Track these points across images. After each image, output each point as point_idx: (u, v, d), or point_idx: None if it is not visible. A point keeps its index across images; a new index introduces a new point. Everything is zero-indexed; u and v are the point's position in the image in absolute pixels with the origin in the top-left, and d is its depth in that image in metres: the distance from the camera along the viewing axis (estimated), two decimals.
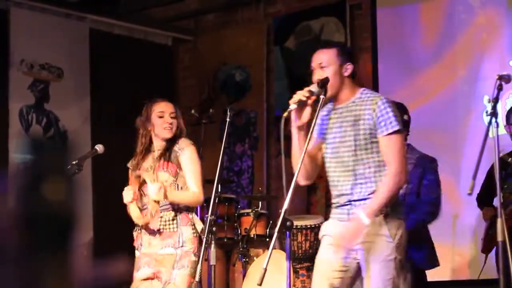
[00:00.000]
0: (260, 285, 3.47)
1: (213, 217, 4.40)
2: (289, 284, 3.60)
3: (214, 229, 4.43)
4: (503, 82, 3.90)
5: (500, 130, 4.15)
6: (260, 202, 6.96)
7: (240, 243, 6.67)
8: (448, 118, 7.18)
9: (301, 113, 3.80)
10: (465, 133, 7.06)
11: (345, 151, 3.85)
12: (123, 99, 8.38)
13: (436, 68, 7.32)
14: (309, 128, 3.79)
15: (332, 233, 3.86)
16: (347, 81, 3.89)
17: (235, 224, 6.88)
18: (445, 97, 7.25)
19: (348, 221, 3.80)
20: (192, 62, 9.13)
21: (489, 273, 6.02)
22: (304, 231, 6.17)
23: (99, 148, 4.92)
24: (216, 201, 4.67)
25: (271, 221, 6.78)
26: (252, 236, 6.65)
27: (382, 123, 3.77)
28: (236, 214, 6.94)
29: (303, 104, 3.77)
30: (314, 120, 3.79)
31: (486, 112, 6.09)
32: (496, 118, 3.82)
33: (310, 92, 3.78)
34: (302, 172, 3.81)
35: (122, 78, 8.45)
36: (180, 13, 9.08)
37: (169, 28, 9.13)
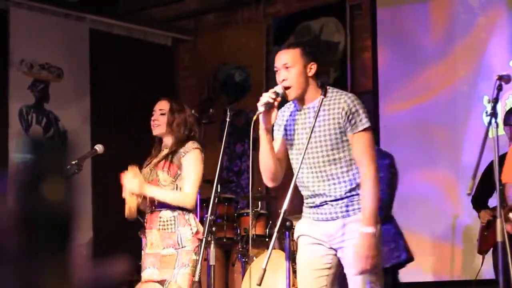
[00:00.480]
0: (260, 285, 3.47)
1: (212, 217, 4.40)
2: (288, 284, 3.60)
3: (213, 229, 4.43)
4: (502, 83, 3.90)
5: (500, 130, 4.15)
6: (259, 202, 6.97)
7: (240, 243, 6.67)
8: (448, 118, 7.18)
9: (269, 116, 3.79)
10: (464, 133, 7.06)
11: (315, 152, 3.82)
12: (123, 99, 8.39)
13: (436, 68, 7.32)
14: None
15: (309, 232, 3.85)
16: (312, 81, 3.87)
17: (235, 224, 6.89)
18: (445, 97, 7.25)
19: (331, 220, 3.79)
20: (192, 62, 9.13)
21: (486, 274, 6.03)
22: None
23: (99, 148, 4.91)
24: (216, 201, 4.67)
25: (270, 221, 6.79)
26: (251, 236, 6.64)
27: (353, 121, 3.76)
28: (235, 214, 6.95)
29: (271, 106, 3.77)
30: (314, 120, 3.78)
31: (486, 112, 6.10)
32: (496, 118, 3.82)
33: (276, 93, 3.78)
34: (268, 174, 3.84)
35: (122, 78, 8.45)
36: (180, 13, 9.08)
37: (169, 28, 9.13)
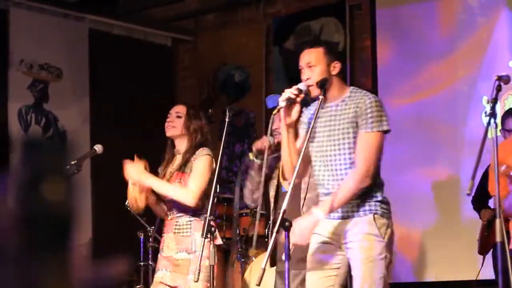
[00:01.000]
0: (259, 285, 3.47)
1: (211, 217, 4.40)
2: (287, 284, 3.61)
3: (213, 229, 4.43)
4: (502, 83, 3.90)
5: (499, 131, 4.16)
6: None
7: (239, 243, 6.67)
8: (448, 117, 7.18)
9: (290, 111, 3.79)
10: (464, 133, 7.06)
11: (330, 150, 3.82)
12: (122, 99, 8.39)
13: (436, 68, 7.32)
14: (297, 126, 3.82)
15: (320, 231, 3.86)
16: (335, 80, 3.87)
17: (234, 224, 6.88)
18: (444, 97, 7.25)
19: (343, 219, 3.80)
20: (192, 62, 9.13)
21: (487, 274, 6.03)
22: None
23: (98, 148, 4.92)
24: (215, 201, 4.67)
25: (270, 221, 6.78)
26: (251, 236, 6.64)
27: (364, 120, 3.73)
28: (234, 214, 6.94)
29: (292, 102, 3.77)
30: (314, 119, 3.80)
31: (485, 112, 6.11)
32: (495, 118, 3.82)
33: (299, 90, 3.79)
34: (288, 168, 3.85)
35: (122, 78, 8.45)
36: (180, 13, 9.08)
37: (168, 28, 9.13)
